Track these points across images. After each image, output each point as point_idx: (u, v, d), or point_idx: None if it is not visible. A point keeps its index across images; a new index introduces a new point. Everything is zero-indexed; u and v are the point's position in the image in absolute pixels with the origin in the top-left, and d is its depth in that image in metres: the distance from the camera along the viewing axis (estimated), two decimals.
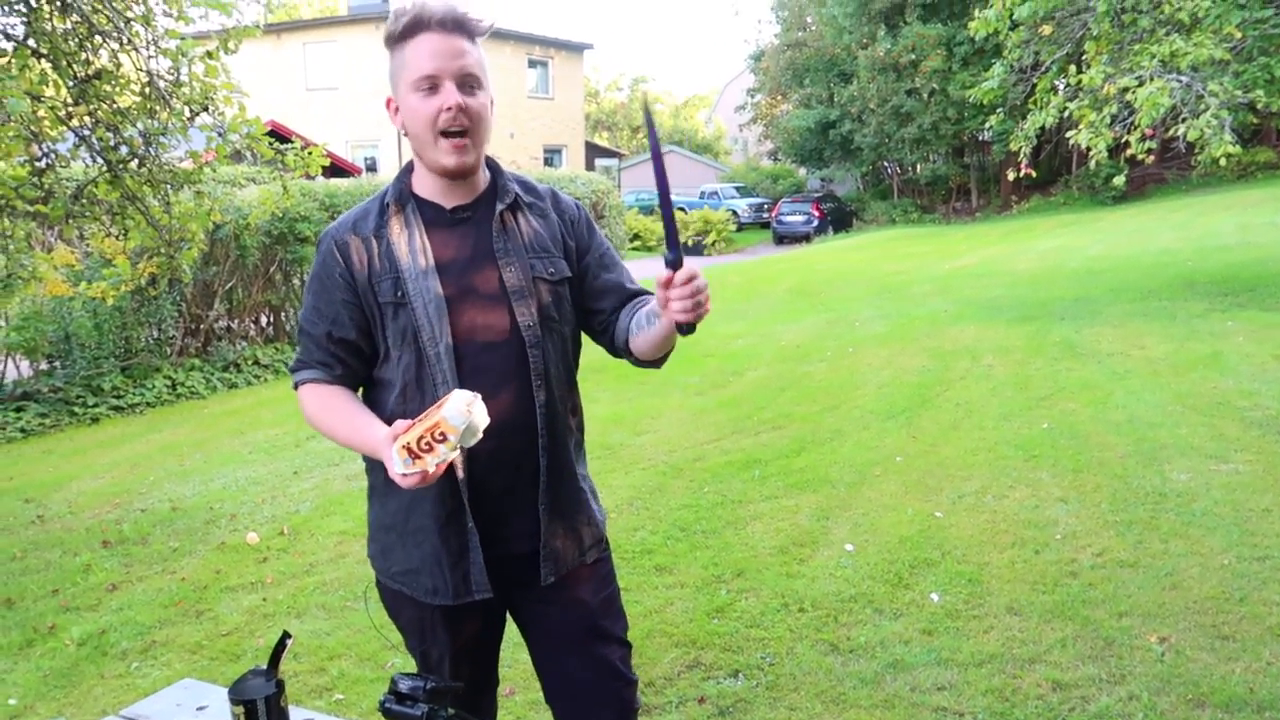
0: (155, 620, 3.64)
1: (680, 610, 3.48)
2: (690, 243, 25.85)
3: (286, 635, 1.46)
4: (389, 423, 1.57)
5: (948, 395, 6.57)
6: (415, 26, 1.59)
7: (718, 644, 3.22)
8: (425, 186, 1.70)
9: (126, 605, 3.80)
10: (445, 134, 1.59)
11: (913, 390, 6.79)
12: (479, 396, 1.43)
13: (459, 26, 1.60)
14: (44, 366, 7.86)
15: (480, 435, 1.42)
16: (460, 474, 1.65)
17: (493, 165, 1.76)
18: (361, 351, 1.69)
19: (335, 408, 1.67)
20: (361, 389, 1.76)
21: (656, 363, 1.78)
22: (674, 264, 1.42)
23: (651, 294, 1.69)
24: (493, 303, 1.66)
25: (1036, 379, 6.83)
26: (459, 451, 1.41)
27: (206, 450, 6.37)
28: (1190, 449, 4.95)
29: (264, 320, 9.96)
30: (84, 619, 3.69)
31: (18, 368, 7.87)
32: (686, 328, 1.48)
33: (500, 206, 1.71)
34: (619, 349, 1.79)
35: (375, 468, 1.71)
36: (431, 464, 1.39)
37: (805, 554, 3.95)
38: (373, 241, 1.66)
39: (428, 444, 1.38)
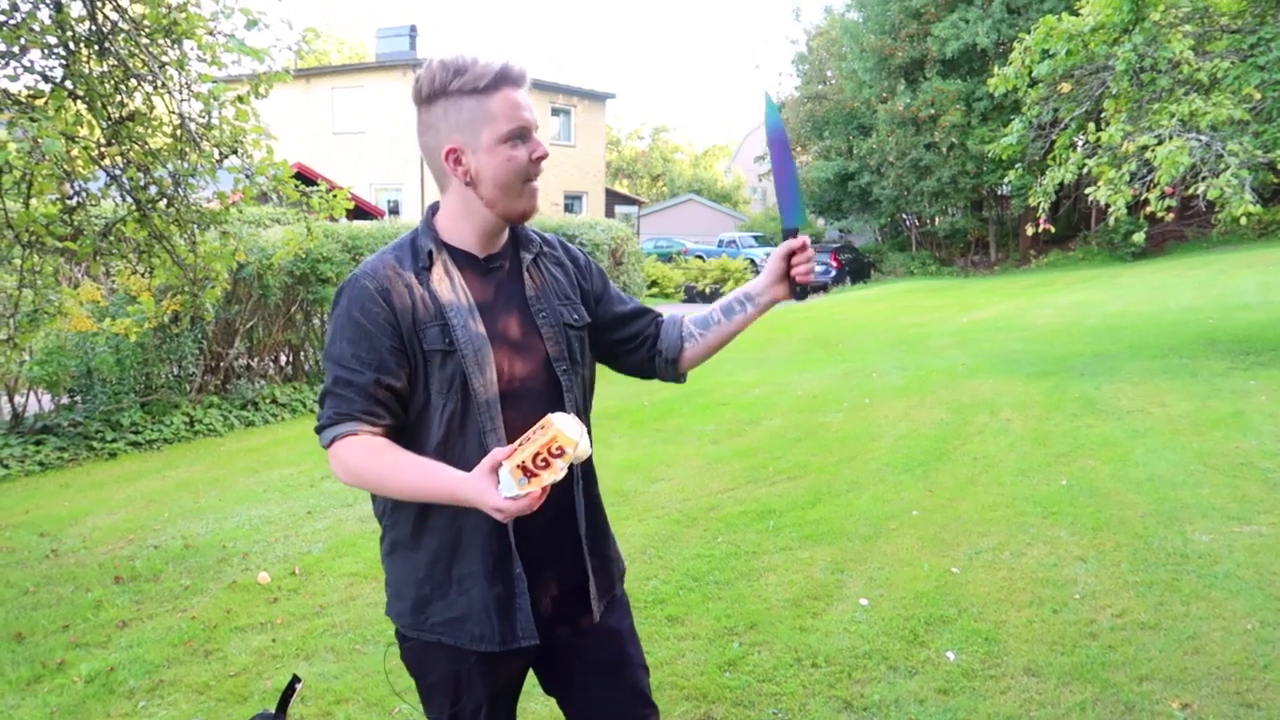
0: (164, 659, 3.62)
1: (691, 662, 3.43)
2: (708, 290, 25.95)
3: (296, 679, 1.45)
4: None
5: (965, 449, 6.52)
6: (502, 79, 1.62)
7: (729, 698, 3.17)
8: (458, 235, 1.70)
9: (136, 643, 3.78)
10: (530, 180, 1.66)
11: (930, 443, 6.74)
12: (572, 415, 1.47)
13: (528, 83, 1.68)
14: (65, 400, 7.93)
15: (589, 451, 1.46)
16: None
17: None
18: (404, 400, 1.64)
19: (390, 454, 1.59)
20: None
21: (682, 376, 1.95)
22: (794, 233, 1.67)
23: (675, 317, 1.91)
24: (529, 349, 1.71)
25: (1055, 435, 6.77)
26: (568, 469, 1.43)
27: (222, 488, 6.39)
28: (1212, 509, 4.88)
29: (284, 359, 10.04)
30: (93, 656, 3.68)
31: (39, 401, 7.94)
32: (801, 291, 1.71)
33: (528, 257, 1.76)
34: (663, 362, 1.91)
35: (400, 521, 1.70)
36: (548, 480, 1.40)
37: (819, 607, 3.90)
38: (416, 287, 1.63)
39: (544, 460, 1.38)
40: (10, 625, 4.00)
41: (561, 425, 1.40)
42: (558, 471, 1.39)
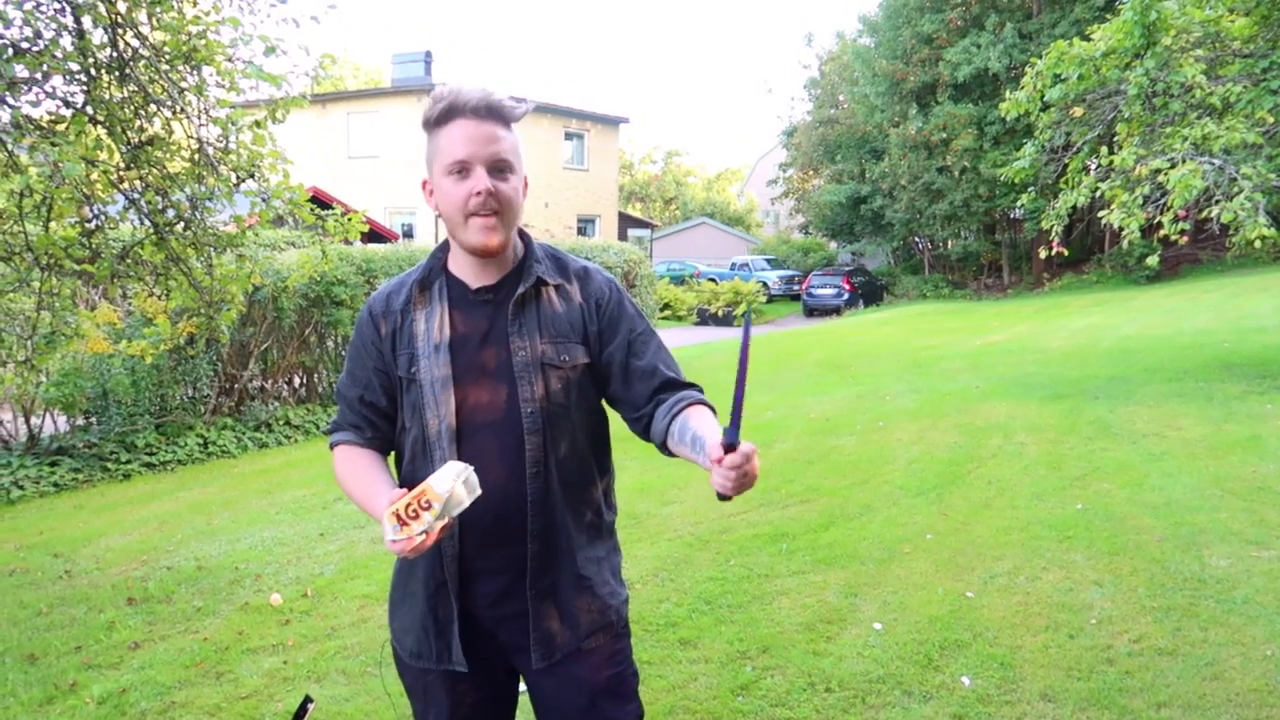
0: (175, 680, 3.63)
1: (704, 686, 3.41)
2: (720, 313, 25.97)
3: (309, 699, 1.46)
4: (405, 485, 1.66)
5: (979, 473, 6.48)
6: (450, 113, 1.64)
7: None
8: (458, 264, 1.76)
9: (148, 664, 3.78)
10: (475, 214, 1.64)
11: (943, 467, 6.71)
12: (472, 469, 1.49)
13: (492, 113, 1.64)
14: (80, 422, 7.98)
15: (466, 504, 1.47)
16: (450, 549, 1.69)
17: (526, 243, 1.78)
18: (390, 417, 1.78)
19: (356, 470, 1.74)
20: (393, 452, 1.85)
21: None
22: (730, 447, 1.45)
23: (693, 389, 1.75)
24: (497, 384, 1.69)
25: (1070, 458, 6.73)
26: (446, 519, 1.45)
27: (234, 509, 6.40)
28: (1230, 534, 4.83)
29: (297, 381, 10.08)
30: (105, 677, 3.68)
31: (55, 423, 7.99)
32: (725, 498, 1.51)
33: (520, 289, 1.71)
34: (652, 442, 1.77)
35: None
36: (416, 530, 1.44)
37: (832, 631, 3.87)
38: (398, 316, 1.75)
39: (414, 511, 1.44)
40: (24, 646, 4.01)
41: (434, 479, 1.45)
42: (425, 523, 1.43)
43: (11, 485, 6.99)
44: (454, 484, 1.44)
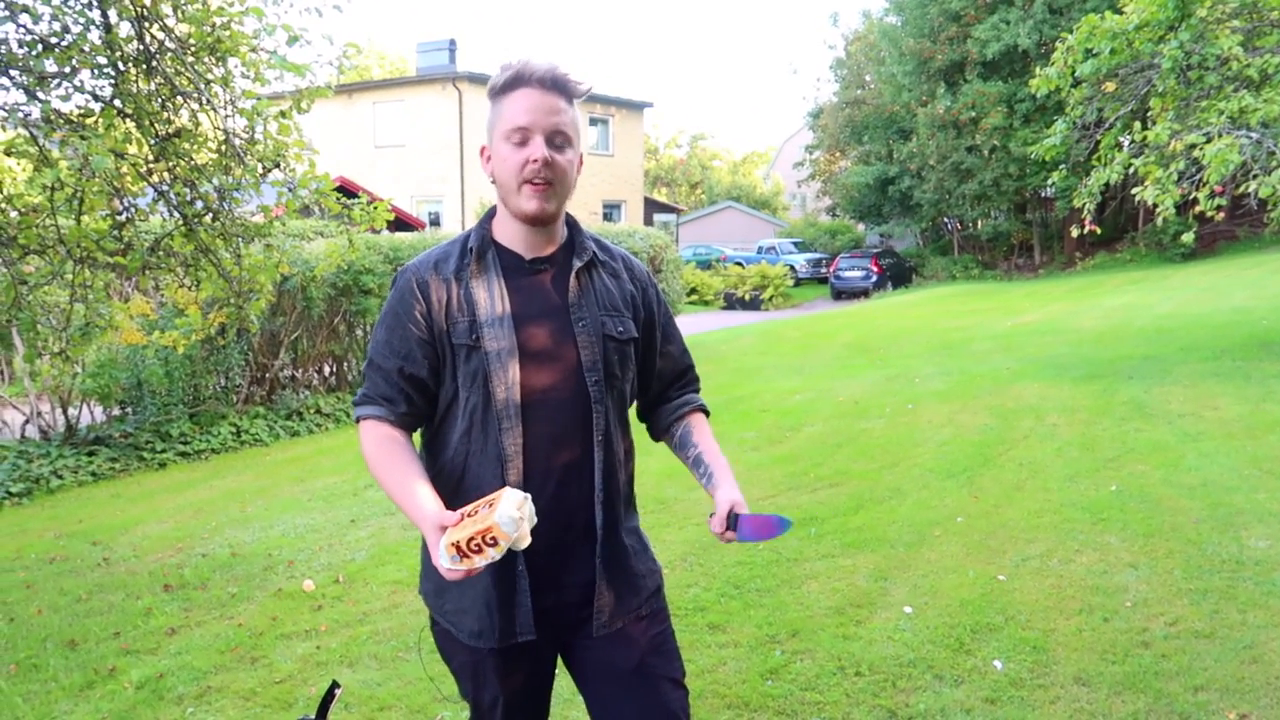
0: (211, 665, 3.68)
1: (733, 670, 3.41)
2: (747, 297, 25.87)
3: (335, 685, 1.47)
4: (450, 462, 1.65)
5: (1010, 455, 6.41)
6: (516, 81, 1.67)
7: (771, 707, 3.14)
8: (507, 234, 1.75)
9: (184, 650, 3.84)
10: (529, 182, 1.65)
11: (974, 449, 6.64)
12: (529, 497, 1.45)
13: (557, 86, 1.67)
14: (116, 412, 8.11)
15: (529, 540, 1.44)
16: None
17: (571, 222, 1.82)
18: (428, 390, 1.72)
19: (392, 458, 1.67)
20: (422, 427, 1.80)
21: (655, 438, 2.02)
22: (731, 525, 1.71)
23: (696, 383, 1.99)
24: (561, 357, 1.71)
25: (1104, 439, 6.64)
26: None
27: (267, 497, 6.48)
28: (1269, 515, 4.74)
29: (327, 370, 10.17)
30: (143, 662, 3.74)
31: (92, 413, 8.13)
32: (733, 523, 1.72)
33: (578, 263, 1.76)
34: (646, 425, 1.95)
35: None
36: (480, 564, 1.40)
37: (862, 615, 3.86)
38: (453, 283, 1.71)
39: (477, 546, 1.39)
40: (64, 632, 4.09)
41: (501, 516, 1.39)
42: (489, 558, 1.40)
43: (51, 475, 7.12)
44: (520, 520, 1.40)
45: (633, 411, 1.91)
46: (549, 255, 1.75)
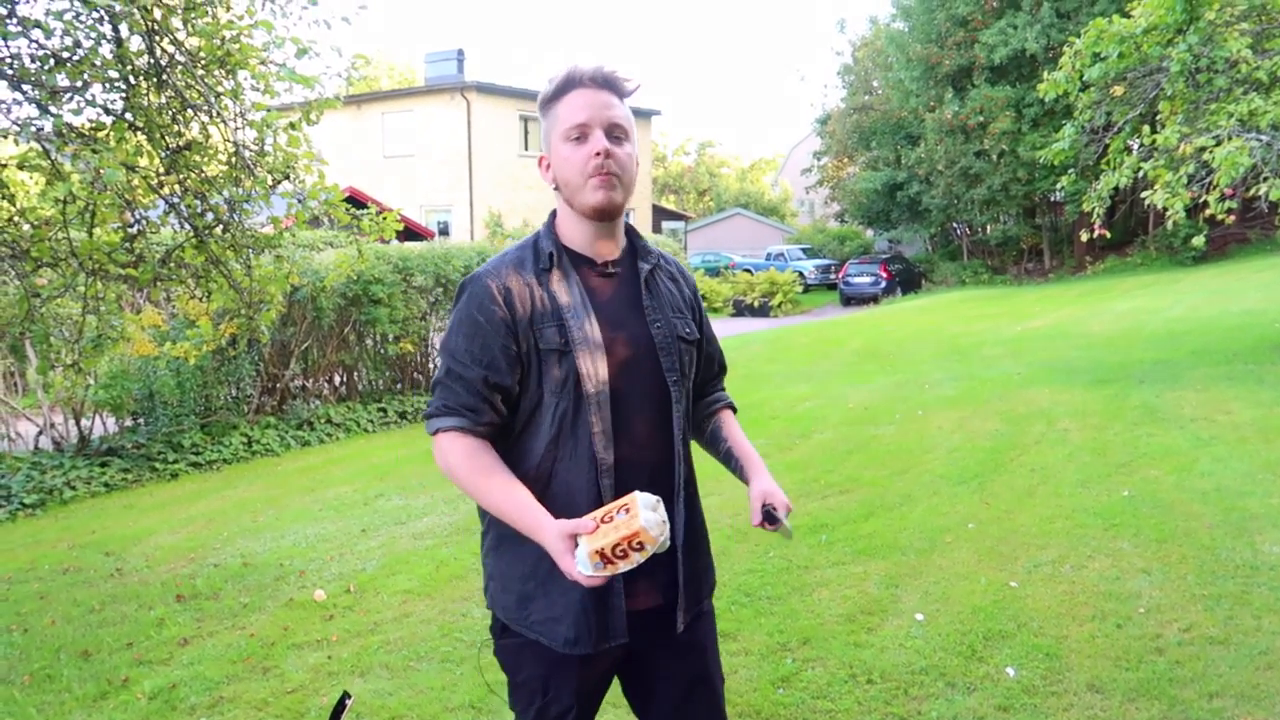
0: (223, 676, 3.69)
1: (744, 679, 3.40)
2: (756, 304, 25.85)
3: (346, 695, 1.47)
4: (535, 469, 1.66)
5: (1022, 460, 6.39)
6: (567, 85, 1.71)
7: (783, 715, 3.13)
8: (574, 238, 1.77)
9: (197, 660, 3.86)
10: (594, 175, 1.68)
11: (985, 455, 6.62)
12: (661, 501, 1.47)
13: (607, 83, 1.71)
14: (128, 423, 8.14)
15: (669, 543, 1.46)
16: None
17: (628, 226, 1.86)
18: (511, 397, 1.70)
19: (489, 469, 1.66)
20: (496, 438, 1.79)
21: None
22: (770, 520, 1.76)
23: (723, 381, 2.04)
24: (643, 357, 1.74)
25: (1115, 444, 6.61)
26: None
27: (279, 507, 6.50)
28: None
29: (337, 379, 10.20)
30: (156, 673, 3.75)
31: (104, 424, 8.17)
32: (772, 518, 1.78)
33: (646, 267, 1.80)
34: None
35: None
36: (624, 569, 1.42)
37: (874, 623, 3.84)
38: (535, 287, 1.70)
39: (623, 551, 1.40)
40: (77, 643, 4.11)
41: (645, 520, 1.40)
42: (634, 562, 1.42)
43: (64, 486, 7.15)
44: (664, 527, 1.43)
45: None
46: (617, 258, 1.79)
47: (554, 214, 1.80)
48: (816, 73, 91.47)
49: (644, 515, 1.40)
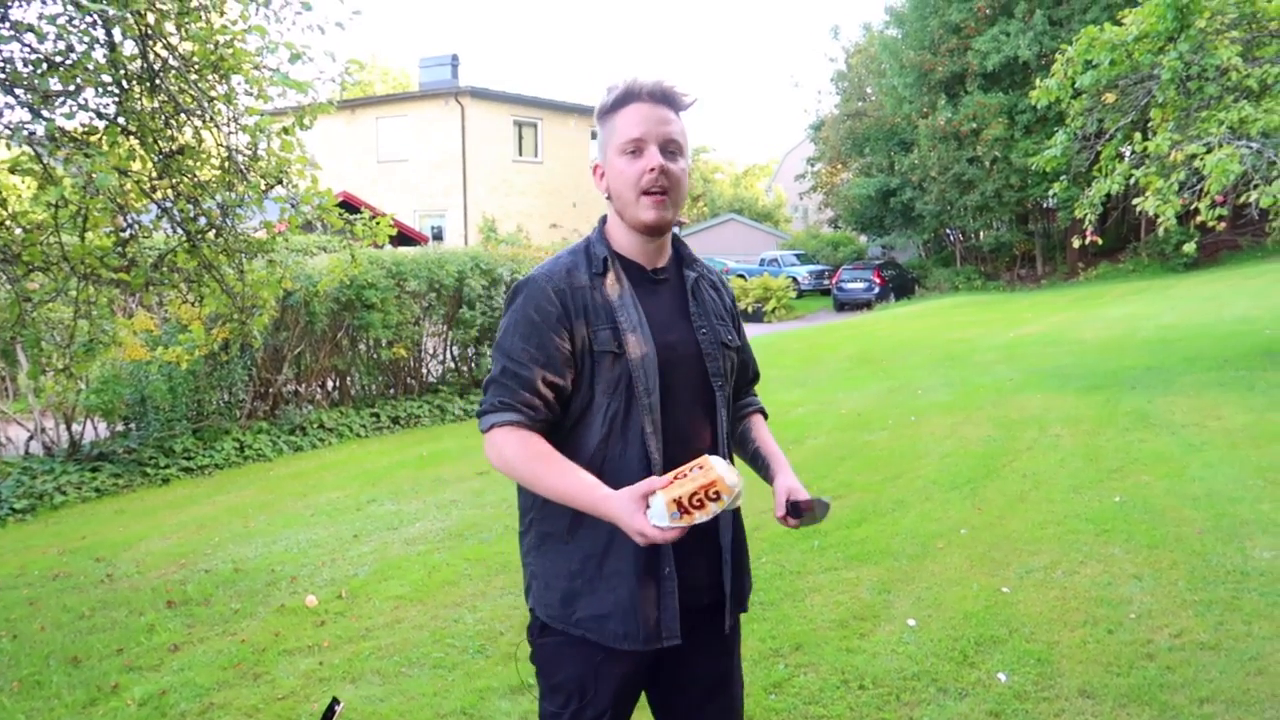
0: (214, 682, 3.67)
1: None
2: (750, 309, 25.88)
3: (336, 701, 1.47)
4: (584, 468, 1.66)
5: (1014, 466, 6.40)
6: (626, 98, 1.74)
7: None
8: (624, 245, 1.80)
9: (187, 666, 3.84)
10: (647, 192, 1.71)
11: (977, 460, 6.63)
12: (727, 461, 1.53)
13: (665, 98, 1.74)
14: (120, 428, 8.12)
15: (742, 500, 1.51)
16: None
17: (673, 235, 1.89)
18: (564, 396, 1.73)
19: (545, 455, 1.68)
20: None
21: None
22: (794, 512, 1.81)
23: (754, 388, 2.10)
24: (692, 364, 1.79)
25: (1107, 450, 6.63)
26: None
27: (270, 512, 6.48)
28: (1274, 525, 4.73)
29: (330, 384, 10.18)
30: (146, 679, 3.74)
31: (96, 429, 8.14)
32: (795, 510, 1.82)
33: (692, 275, 1.85)
34: None
35: (552, 515, 1.75)
36: (700, 519, 1.44)
37: (866, 628, 3.85)
38: (590, 290, 1.73)
39: (699, 501, 1.43)
40: (67, 649, 4.09)
41: (722, 470, 1.45)
42: (710, 513, 1.44)
43: (55, 491, 7.13)
44: (740, 481, 1.46)
45: None
46: (665, 265, 1.83)
47: (604, 220, 1.84)
48: (810, 79, 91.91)
49: (720, 466, 1.45)
